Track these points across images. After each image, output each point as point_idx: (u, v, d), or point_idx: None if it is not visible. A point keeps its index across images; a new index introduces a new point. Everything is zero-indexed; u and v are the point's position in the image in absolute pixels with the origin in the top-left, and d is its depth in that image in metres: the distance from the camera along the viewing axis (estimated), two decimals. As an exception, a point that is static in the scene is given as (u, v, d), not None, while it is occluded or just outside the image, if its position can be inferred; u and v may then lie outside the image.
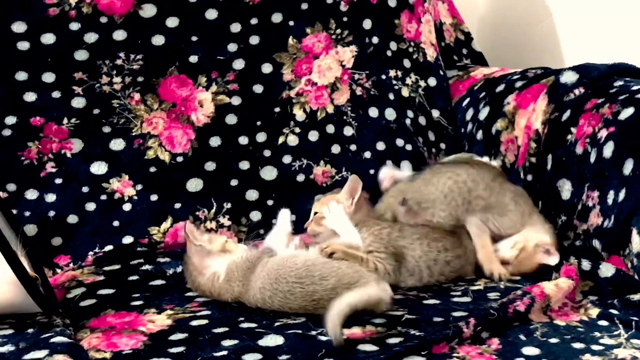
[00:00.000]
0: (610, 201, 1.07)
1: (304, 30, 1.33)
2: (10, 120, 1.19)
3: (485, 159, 1.25)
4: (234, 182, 1.27)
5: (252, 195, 1.27)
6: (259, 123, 1.30)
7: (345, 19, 1.35)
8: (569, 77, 1.23)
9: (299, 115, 1.32)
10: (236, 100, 1.29)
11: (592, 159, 1.12)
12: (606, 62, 1.23)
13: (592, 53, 1.39)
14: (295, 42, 1.33)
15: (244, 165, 1.28)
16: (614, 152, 1.08)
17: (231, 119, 1.29)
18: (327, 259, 0.97)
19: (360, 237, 1.03)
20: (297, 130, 1.31)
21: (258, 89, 1.31)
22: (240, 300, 0.97)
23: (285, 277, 0.94)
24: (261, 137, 1.30)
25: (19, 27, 1.20)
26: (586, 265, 1.01)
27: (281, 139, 1.30)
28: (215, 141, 1.27)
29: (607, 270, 1.01)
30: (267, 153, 1.29)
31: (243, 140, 1.29)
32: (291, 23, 1.33)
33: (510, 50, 1.65)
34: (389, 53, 1.39)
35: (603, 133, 1.12)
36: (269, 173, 1.28)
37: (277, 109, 1.31)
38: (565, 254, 1.12)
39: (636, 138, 1.06)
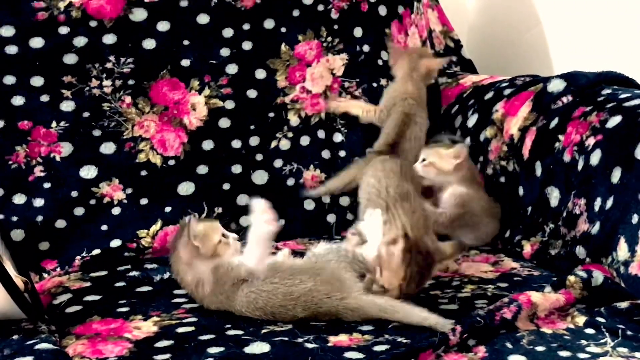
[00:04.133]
0: (597, 208, 1.08)
1: (296, 37, 1.33)
2: (-2, 124, 1.19)
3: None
4: (226, 186, 1.27)
5: (242, 200, 1.27)
6: (252, 127, 1.30)
7: (336, 26, 1.35)
8: (556, 85, 1.24)
9: (294, 120, 1.32)
10: (229, 104, 1.29)
11: (580, 166, 1.13)
12: (594, 71, 1.24)
13: (580, 61, 1.40)
14: (288, 48, 1.33)
15: (237, 169, 1.28)
16: (601, 160, 1.09)
17: (224, 123, 1.29)
18: (311, 265, 0.96)
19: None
20: (290, 134, 1.32)
21: (252, 93, 1.31)
22: (226, 309, 0.96)
23: (270, 279, 0.95)
24: (254, 141, 1.30)
25: (7, 31, 1.19)
26: (583, 274, 1.01)
27: (273, 143, 1.31)
28: (208, 144, 1.27)
29: (597, 278, 1.01)
30: (259, 157, 1.29)
31: (236, 144, 1.29)
32: (283, 29, 1.33)
33: (499, 57, 1.65)
34: (380, 62, 1.39)
35: (591, 141, 1.12)
36: (260, 177, 1.28)
37: (271, 114, 1.31)
38: (553, 266, 1.13)
39: (624, 146, 1.07)
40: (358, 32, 1.37)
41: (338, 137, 1.34)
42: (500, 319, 0.93)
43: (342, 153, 1.34)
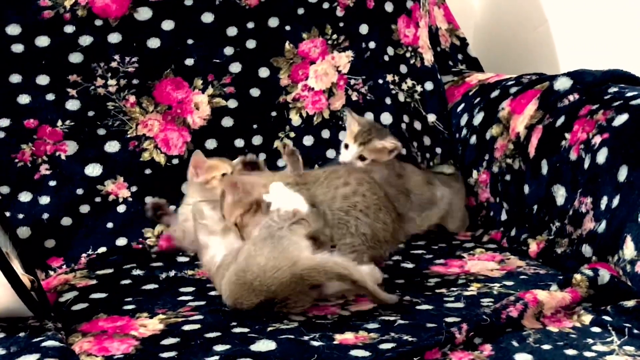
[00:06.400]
0: (603, 207, 1.07)
1: (300, 35, 1.33)
2: (4, 122, 1.19)
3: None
4: (229, 186, 1.27)
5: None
6: (255, 126, 1.30)
7: (341, 24, 1.36)
8: (563, 83, 1.23)
9: (295, 119, 1.32)
10: (232, 103, 1.29)
11: (586, 165, 1.12)
12: (601, 69, 1.24)
13: (587, 59, 1.39)
14: (292, 47, 1.33)
15: (240, 168, 1.28)
16: (607, 159, 1.09)
17: (227, 122, 1.29)
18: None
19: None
20: (292, 134, 1.32)
21: (255, 92, 1.31)
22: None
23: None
24: (257, 140, 1.30)
25: (13, 29, 1.19)
26: (589, 272, 1.01)
27: (277, 143, 1.31)
28: (211, 143, 1.28)
29: (603, 276, 1.01)
30: (262, 156, 1.29)
31: (239, 143, 1.29)
32: (287, 28, 1.33)
33: (505, 56, 1.65)
34: (386, 58, 1.39)
35: (597, 139, 1.12)
36: (263, 177, 1.28)
37: (273, 113, 1.32)
38: (559, 264, 1.12)
39: (630, 145, 1.07)
40: (364, 29, 1.37)
41: (344, 136, 1.34)
42: (506, 318, 0.92)
43: (347, 151, 1.34)
